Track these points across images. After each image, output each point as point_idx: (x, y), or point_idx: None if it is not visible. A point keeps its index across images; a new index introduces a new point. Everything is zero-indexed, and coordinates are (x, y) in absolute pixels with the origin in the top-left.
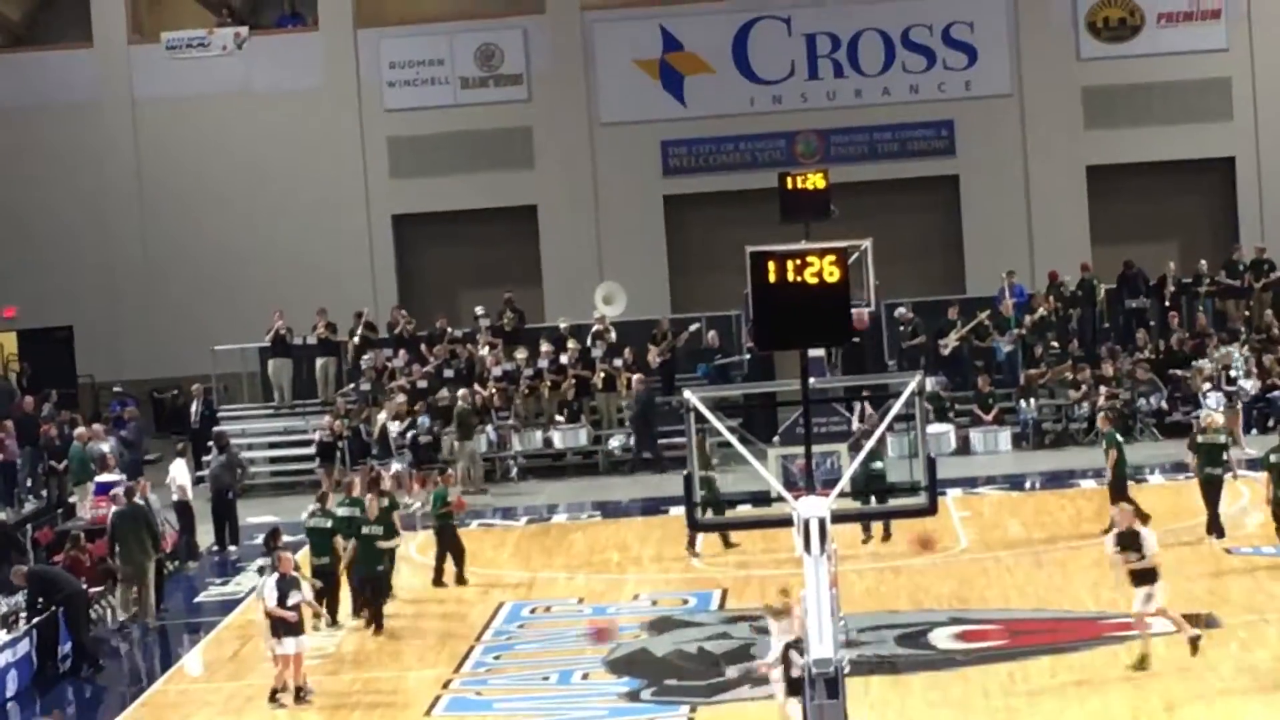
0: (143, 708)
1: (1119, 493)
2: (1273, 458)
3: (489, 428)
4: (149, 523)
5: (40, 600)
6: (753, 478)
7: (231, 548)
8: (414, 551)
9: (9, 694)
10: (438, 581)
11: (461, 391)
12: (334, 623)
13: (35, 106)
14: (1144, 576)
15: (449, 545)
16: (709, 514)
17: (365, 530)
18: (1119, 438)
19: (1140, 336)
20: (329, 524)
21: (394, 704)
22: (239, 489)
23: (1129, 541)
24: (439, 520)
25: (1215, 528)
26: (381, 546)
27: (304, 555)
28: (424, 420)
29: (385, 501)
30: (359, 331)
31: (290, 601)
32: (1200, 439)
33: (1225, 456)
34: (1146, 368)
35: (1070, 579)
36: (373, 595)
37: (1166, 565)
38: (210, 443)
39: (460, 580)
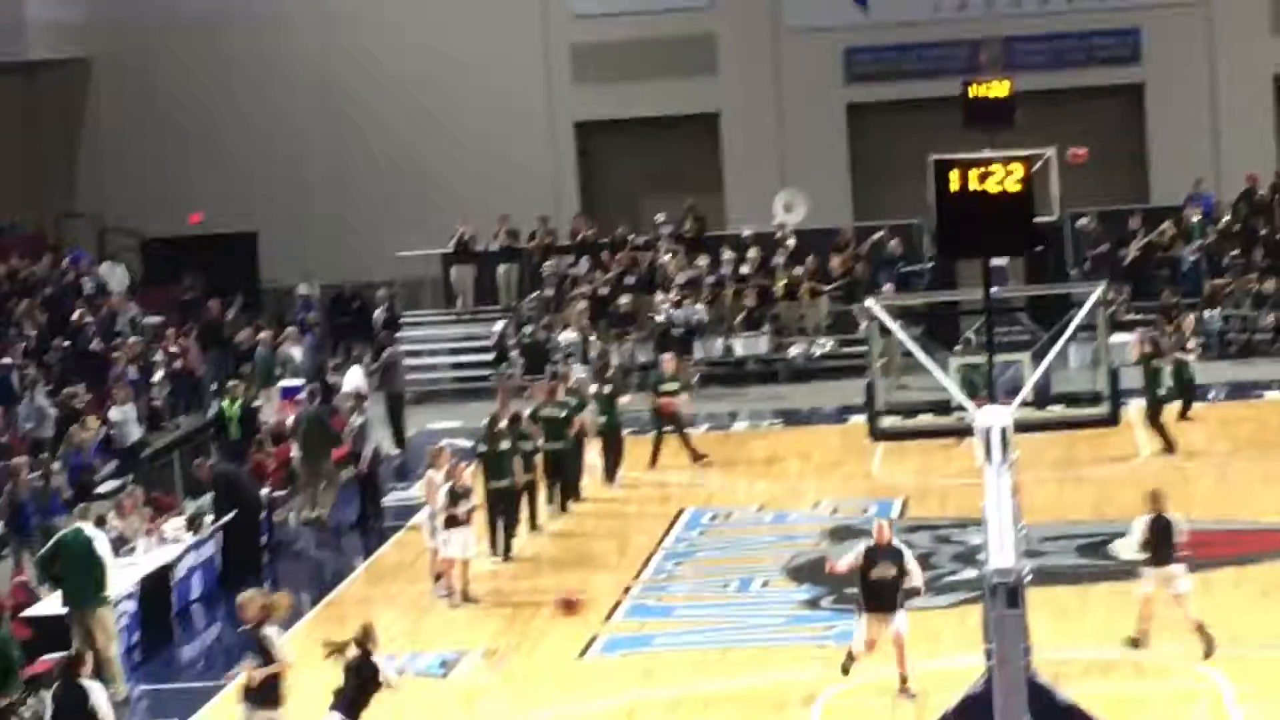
0: (327, 609)
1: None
2: None
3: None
4: (326, 427)
5: (225, 502)
6: (934, 387)
7: (394, 451)
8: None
9: (194, 596)
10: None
11: None
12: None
13: (221, 12)
14: None
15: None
16: (890, 421)
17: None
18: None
19: None
20: (563, 414)
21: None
22: (404, 393)
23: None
24: None
25: None
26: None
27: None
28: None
29: (574, 401)
30: (540, 237)
31: (462, 509)
32: None
33: None
34: None
35: (1253, 490)
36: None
37: None
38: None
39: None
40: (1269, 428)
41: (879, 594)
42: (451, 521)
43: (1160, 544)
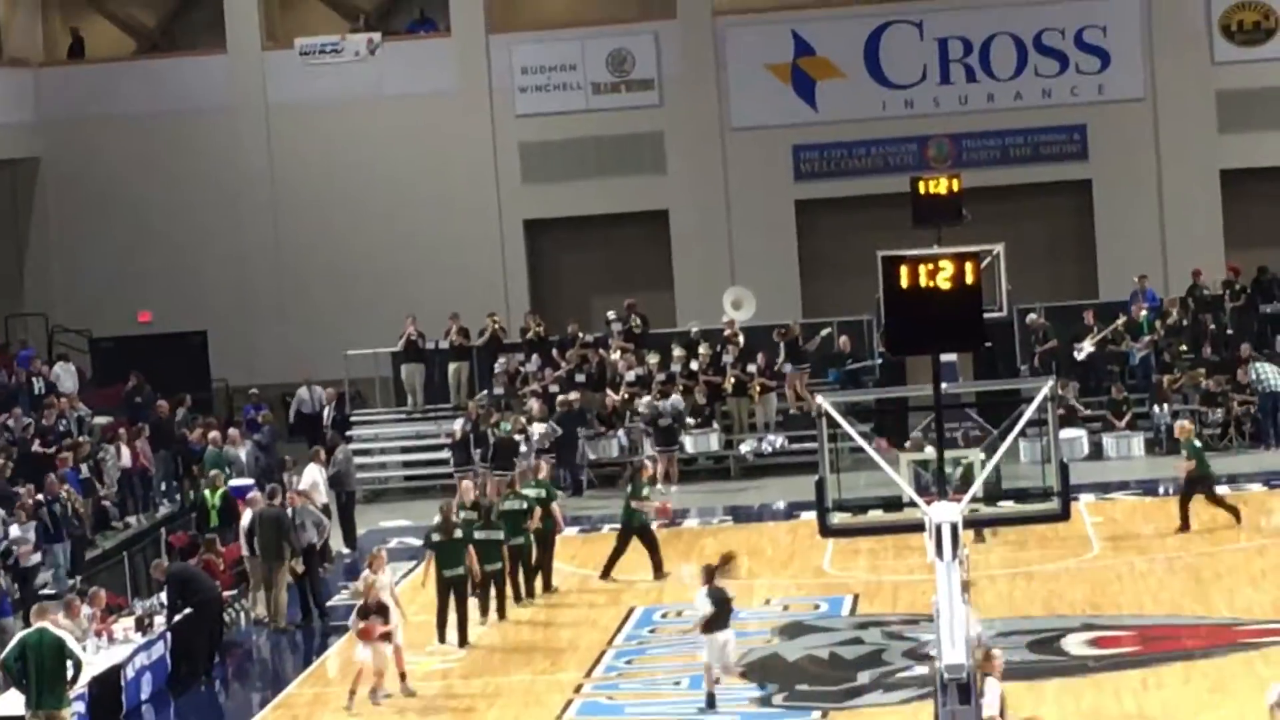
0: (276, 710)
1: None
2: None
3: (619, 432)
4: (283, 528)
5: (179, 601)
6: (884, 483)
7: (345, 550)
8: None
9: (144, 697)
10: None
11: None
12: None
13: (170, 113)
14: None
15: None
16: (839, 518)
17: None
18: (1197, 444)
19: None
20: (523, 507)
21: (526, 707)
22: (355, 492)
23: None
24: None
25: None
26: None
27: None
28: (666, 403)
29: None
30: (489, 332)
31: (377, 628)
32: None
33: None
34: None
35: (1204, 584)
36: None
37: None
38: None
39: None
40: (1219, 522)
41: None
42: (365, 634)
43: (719, 613)
